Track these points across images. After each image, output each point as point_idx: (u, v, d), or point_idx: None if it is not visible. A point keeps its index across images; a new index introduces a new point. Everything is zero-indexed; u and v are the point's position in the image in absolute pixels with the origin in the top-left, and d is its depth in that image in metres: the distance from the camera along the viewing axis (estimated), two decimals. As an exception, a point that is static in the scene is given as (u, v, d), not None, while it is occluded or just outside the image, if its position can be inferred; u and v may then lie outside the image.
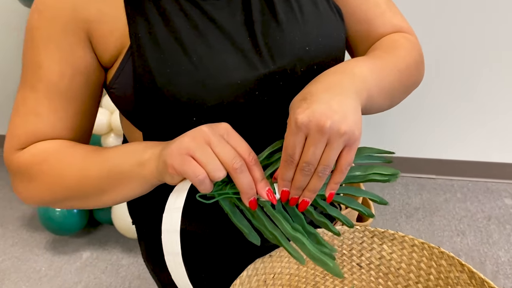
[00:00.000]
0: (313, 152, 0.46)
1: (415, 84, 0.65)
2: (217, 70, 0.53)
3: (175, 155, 0.47)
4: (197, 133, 0.47)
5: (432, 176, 2.16)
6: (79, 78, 0.56)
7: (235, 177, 0.48)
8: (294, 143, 0.46)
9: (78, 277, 1.68)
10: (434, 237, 1.81)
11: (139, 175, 0.52)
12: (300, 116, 0.45)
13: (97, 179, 0.54)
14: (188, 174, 0.46)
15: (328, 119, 0.45)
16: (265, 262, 0.69)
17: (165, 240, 0.47)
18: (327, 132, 0.45)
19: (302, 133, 0.46)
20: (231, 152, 0.47)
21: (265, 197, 0.50)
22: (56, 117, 0.56)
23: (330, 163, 0.47)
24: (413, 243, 0.70)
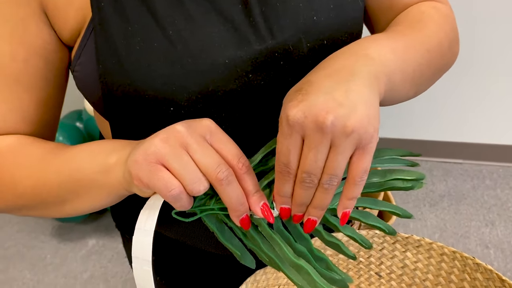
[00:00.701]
0: (313, 158, 0.35)
1: (447, 66, 0.53)
2: (199, 46, 0.43)
3: (141, 163, 0.36)
4: (171, 133, 0.37)
5: (458, 160, 2.04)
6: (35, 60, 0.46)
7: (221, 190, 0.37)
8: (287, 148, 0.36)
9: (84, 266, 1.63)
10: (460, 227, 1.70)
11: (103, 183, 0.42)
12: (293, 112, 0.34)
13: (56, 186, 0.44)
14: (158, 188, 0.36)
15: (330, 113, 0.34)
16: (267, 273, 0.60)
17: (136, 268, 0.37)
18: (328, 130, 0.34)
19: (297, 134, 0.35)
20: (215, 158, 0.37)
21: (259, 214, 0.40)
22: (7, 108, 0.46)
23: (337, 172, 0.36)
24: (442, 251, 0.61)
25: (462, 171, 1.98)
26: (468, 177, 1.94)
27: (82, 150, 0.45)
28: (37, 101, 0.48)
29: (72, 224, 1.77)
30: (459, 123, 1.98)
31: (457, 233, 1.68)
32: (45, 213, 0.49)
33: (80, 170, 0.43)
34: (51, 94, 0.49)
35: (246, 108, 0.46)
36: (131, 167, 0.37)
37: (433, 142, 2.03)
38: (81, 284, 1.58)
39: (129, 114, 0.43)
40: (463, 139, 2.01)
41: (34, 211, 0.49)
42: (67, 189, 0.44)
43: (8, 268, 1.64)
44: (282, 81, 0.46)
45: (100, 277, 1.59)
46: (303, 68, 0.45)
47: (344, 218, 0.39)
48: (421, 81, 0.48)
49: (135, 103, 0.43)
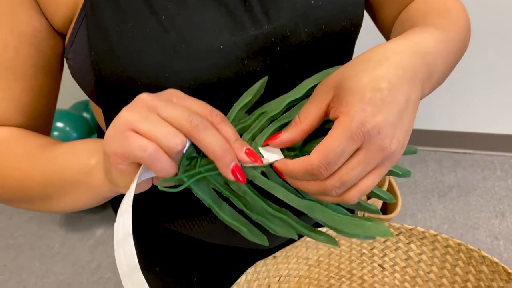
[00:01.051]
0: (359, 174, 0.34)
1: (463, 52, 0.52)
2: (193, 32, 0.41)
3: (112, 136, 0.34)
4: (135, 103, 0.35)
5: (469, 151, 2.01)
6: (26, 49, 0.45)
7: (198, 138, 0.34)
8: (343, 150, 0.33)
9: (91, 255, 1.64)
10: (470, 218, 1.68)
11: (85, 184, 0.41)
12: (371, 122, 0.32)
13: (41, 183, 0.43)
14: (133, 152, 0.33)
15: (395, 140, 0.34)
16: (268, 265, 0.59)
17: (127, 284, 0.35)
18: (387, 154, 0.34)
19: (361, 142, 0.33)
20: (186, 111, 0.35)
21: (245, 159, 0.37)
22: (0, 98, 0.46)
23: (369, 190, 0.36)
24: (447, 243, 0.59)
25: (473, 161, 1.94)
26: (479, 167, 1.91)
27: (67, 149, 0.44)
28: (30, 90, 0.47)
29: (80, 214, 1.78)
30: (469, 113, 1.94)
31: (466, 224, 1.66)
32: (32, 208, 0.48)
33: (63, 169, 0.42)
34: (44, 82, 0.48)
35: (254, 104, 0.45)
36: (105, 146, 0.35)
37: (442, 132, 2.00)
38: (89, 273, 1.58)
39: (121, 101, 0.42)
40: (473, 129, 1.98)
41: (21, 204, 0.48)
42: (51, 187, 0.43)
43: (18, 257, 1.66)
44: (279, 67, 0.44)
45: (107, 267, 1.60)
46: (301, 55, 0.44)
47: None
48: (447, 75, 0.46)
49: (128, 90, 0.42)
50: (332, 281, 0.65)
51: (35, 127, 0.49)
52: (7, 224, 1.78)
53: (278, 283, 0.61)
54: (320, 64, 0.45)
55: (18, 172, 0.44)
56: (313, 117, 0.36)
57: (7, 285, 1.57)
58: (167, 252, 0.62)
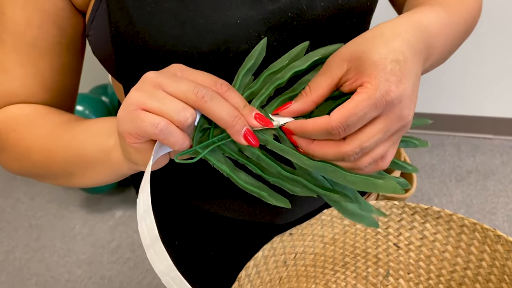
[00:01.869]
0: (378, 140, 0.36)
1: (471, 30, 0.52)
2: (211, 6, 0.42)
3: (123, 117, 0.36)
4: (142, 82, 0.36)
5: (488, 136, 1.98)
6: (50, 27, 0.46)
7: (207, 108, 0.35)
8: (364, 113, 0.34)
9: (111, 236, 1.68)
10: (487, 203, 1.67)
11: (105, 163, 0.43)
12: (395, 94, 0.34)
13: (63, 159, 0.45)
14: (146, 129, 0.35)
15: (411, 111, 0.36)
16: (284, 241, 0.60)
17: (141, 227, 0.37)
18: (403, 123, 0.36)
19: (382, 109, 0.34)
20: (191, 83, 0.36)
21: (255, 124, 0.38)
22: (25, 73, 0.47)
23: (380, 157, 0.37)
24: (462, 223, 0.59)
25: (492, 146, 1.92)
26: (498, 152, 1.89)
27: (87, 129, 0.45)
28: (53, 67, 0.49)
29: (100, 196, 1.81)
30: (489, 97, 1.91)
31: (484, 209, 1.65)
32: (57, 183, 0.50)
33: (83, 148, 0.44)
34: (67, 61, 0.50)
35: (258, 69, 0.45)
36: (119, 128, 0.37)
37: (461, 117, 1.98)
38: (109, 253, 1.62)
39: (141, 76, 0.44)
40: (493, 113, 1.95)
41: (46, 179, 0.50)
42: (73, 164, 0.45)
43: (40, 237, 1.71)
44: (295, 42, 0.44)
45: (126, 247, 1.64)
46: (317, 29, 0.44)
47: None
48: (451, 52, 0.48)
49: (147, 64, 0.43)
50: (347, 259, 0.65)
51: (59, 104, 0.51)
52: (29, 206, 1.83)
53: (294, 260, 0.62)
54: (336, 39, 0.45)
55: (43, 149, 0.46)
56: (324, 89, 0.38)
57: (30, 263, 1.62)
58: (186, 227, 0.64)
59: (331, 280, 0.66)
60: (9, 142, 0.47)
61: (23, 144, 0.47)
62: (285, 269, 0.61)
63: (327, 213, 0.61)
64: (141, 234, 0.36)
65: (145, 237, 0.36)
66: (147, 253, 0.36)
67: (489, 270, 0.58)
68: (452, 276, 0.61)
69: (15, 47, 0.46)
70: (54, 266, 1.60)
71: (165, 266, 0.35)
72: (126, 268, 1.57)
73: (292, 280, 0.63)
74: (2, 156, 0.50)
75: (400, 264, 0.65)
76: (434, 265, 0.63)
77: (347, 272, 0.66)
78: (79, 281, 1.55)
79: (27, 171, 0.49)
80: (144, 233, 0.36)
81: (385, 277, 0.65)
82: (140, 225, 0.36)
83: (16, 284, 1.56)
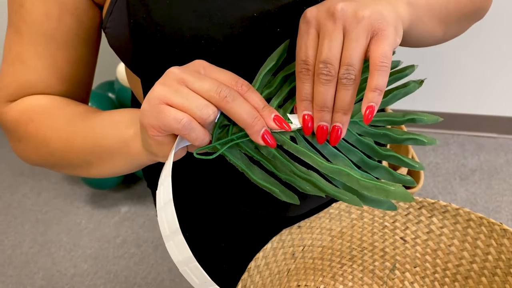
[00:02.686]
0: (327, 46, 0.36)
1: (477, 12, 0.52)
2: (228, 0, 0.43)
3: (147, 110, 0.37)
4: (166, 76, 0.38)
5: (492, 134, 1.98)
6: (68, 19, 0.47)
7: (228, 109, 0.37)
8: (305, 45, 0.37)
9: (117, 231, 1.69)
10: (492, 201, 1.67)
11: (124, 153, 0.44)
12: (308, 10, 0.37)
13: (81, 150, 0.46)
14: (169, 124, 0.36)
15: (340, 2, 0.36)
16: (292, 234, 0.61)
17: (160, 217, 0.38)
18: (339, 15, 0.36)
19: (313, 29, 0.37)
20: (213, 82, 0.37)
21: (274, 126, 0.39)
22: (43, 65, 0.48)
23: (352, 60, 0.36)
24: (469, 217, 0.60)
25: (496, 145, 1.92)
26: (502, 151, 1.89)
27: (105, 120, 0.46)
28: (70, 59, 0.50)
29: (106, 191, 1.82)
30: (494, 96, 1.91)
31: (488, 208, 1.65)
32: (74, 173, 0.51)
33: (102, 138, 0.45)
34: (83, 53, 0.51)
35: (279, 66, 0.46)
36: (142, 119, 0.38)
37: (466, 116, 1.98)
38: (114, 248, 1.64)
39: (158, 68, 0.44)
40: (498, 112, 1.94)
41: (64, 169, 0.51)
42: (91, 154, 0.46)
43: (46, 232, 1.72)
44: None
45: (132, 242, 1.65)
46: None
47: (369, 115, 0.37)
48: (449, 20, 0.48)
49: (165, 56, 0.44)
50: (354, 252, 0.66)
51: (74, 96, 0.52)
52: (36, 201, 1.84)
53: (302, 252, 0.63)
54: None
55: (60, 139, 0.47)
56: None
57: (37, 257, 1.63)
58: (196, 219, 0.65)
59: (338, 273, 0.66)
60: (27, 132, 0.49)
61: (41, 134, 0.48)
62: (293, 261, 0.62)
63: (335, 206, 0.62)
64: (161, 225, 0.37)
65: (164, 228, 0.37)
66: (166, 244, 0.37)
67: (495, 264, 0.59)
68: (458, 270, 0.62)
69: (33, 39, 0.47)
70: (61, 260, 1.62)
71: (183, 257, 0.36)
72: (132, 263, 1.58)
73: (300, 272, 0.63)
74: (21, 146, 0.51)
75: (407, 257, 0.66)
76: (440, 259, 0.64)
77: (354, 265, 0.67)
78: (85, 275, 1.56)
79: (45, 161, 0.50)
80: (164, 224, 0.37)
81: (392, 270, 0.66)
82: (160, 216, 0.37)
83: (23, 277, 1.57)
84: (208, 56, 0.43)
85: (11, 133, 0.51)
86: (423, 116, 0.45)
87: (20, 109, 0.49)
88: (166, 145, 0.39)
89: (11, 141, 0.52)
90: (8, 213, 1.80)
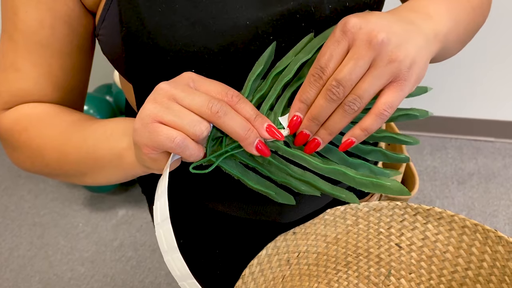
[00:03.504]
0: (350, 68, 0.35)
1: (483, 22, 0.53)
2: (220, 7, 0.43)
3: (140, 129, 0.37)
4: (156, 93, 0.38)
5: (490, 138, 1.98)
6: (61, 27, 0.47)
7: (221, 123, 0.37)
8: (331, 54, 0.36)
9: (114, 235, 1.69)
10: (489, 205, 1.67)
11: (117, 166, 0.44)
12: (352, 20, 0.35)
13: (75, 161, 0.47)
14: (162, 143, 0.36)
15: (384, 33, 0.35)
16: (287, 240, 0.61)
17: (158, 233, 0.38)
18: (376, 47, 0.35)
19: (346, 42, 0.36)
20: (203, 96, 0.37)
21: (266, 135, 0.39)
22: (37, 73, 0.48)
23: (364, 94, 0.36)
24: (464, 223, 0.60)
25: (494, 149, 1.92)
26: (500, 155, 1.89)
27: (98, 130, 0.46)
28: (65, 66, 0.50)
29: (103, 194, 1.82)
30: (492, 100, 1.91)
31: (485, 212, 1.65)
32: (70, 181, 0.51)
33: (96, 150, 0.45)
34: (77, 60, 0.51)
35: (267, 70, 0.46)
36: (135, 139, 0.38)
37: (464, 119, 1.98)
38: (111, 252, 1.63)
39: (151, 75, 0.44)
40: (495, 116, 1.95)
41: (59, 178, 0.51)
42: (85, 164, 0.46)
43: (44, 235, 1.72)
44: None
45: (129, 246, 1.65)
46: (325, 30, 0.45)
47: (346, 147, 0.39)
48: (467, 39, 0.49)
49: (157, 64, 0.44)
50: (350, 258, 0.66)
51: (69, 103, 0.52)
52: (33, 204, 1.84)
53: (297, 259, 0.63)
54: None
55: (54, 150, 0.47)
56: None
57: (33, 260, 1.63)
58: (190, 226, 0.65)
59: (333, 279, 0.66)
60: (21, 141, 0.49)
61: (34, 143, 0.48)
62: (288, 267, 0.62)
63: (330, 213, 0.62)
64: (159, 241, 0.37)
65: (162, 244, 0.37)
66: (164, 258, 0.37)
67: (490, 271, 0.59)
68: (453, 277, 0.62)
69: (27, 46, 0.47)
70: (58, 263, 1.61)
71: (182, 274, 0.36)
72: (129, 266, 1.58)
73: (295, 279, 0.63)
74: (15, 154, 0.51)
75: (402, 264, 0.66)
76: (435, 265, 0.64)
77: (349, 271, 0.66)
78: (82, 278, 1.56)
79: (39, 169, 0.50)
80: (162, 241, 0.37)
81: (387, 277, 0.66)
82: (158, 232, 0.37)
83: (20, 281, 1.57)
84: (201, 63, 0.43)
85: (5, 142, 0.51)
86: (416, 112, 0.47)
87: (14, 118, 0.49)
88: (160, 161, 0.39)
89: (6, 149, 0.52)
90: (5, 215, 1.80)
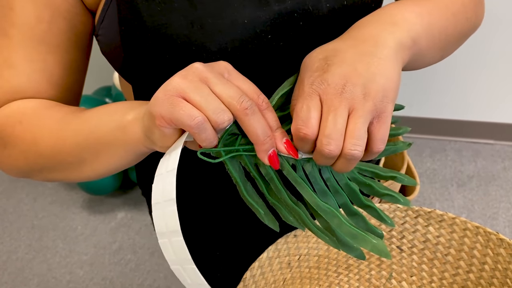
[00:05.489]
0: (332, 121, 0.35)
1: (472, 29, 0.52)
2: (218, 6, 0.43)
3: (161, 99, 0.35)
4: (189, 70, 0.36)
5: (489, 141, 1.98)
6: (60, 23, 0.47)
7: (246, 121, 0.36)
8: (307, 106, 0.36)
9: (113, 237, 1.68)
10: (489, 208, 1.67)
11: (120, 141, 0.42)
12: (317, 81, 0.36)
13: (74, 145, 0.45)
14: (181, 119, 0.35)
15: (349, 81, 0.35)
16: (288, 243, 0.61)
17: (157, 214, 0.36)
18: (347, 96, 0.35)
19: (317, 98, 0.36)
20: (237, 90, 0.36)
21: (283, 150, 0.39)
22: (32, 68, 0.48)
23: (358, 135, 0.36)
24: (465, 226, 0.60)
25: (493, 151, 1.92)
26: (499, 158, 1.89)
27: (100, 110, 0.45)
28: (61, 63, 0.49)
29: (102, 197, 1.82)
30: (490, 102, 1.92)
31: (485, 214, 1.65)
32: (65, 175, 0.49)
33: (98, 128, 0.43)
34: (75, 57, 0.50)
35: (265, 69, 0.46)
36: (152, 107, 0.36)
37: (463, 122, 1.98)
38: (110, 254, 1.63)
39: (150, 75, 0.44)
40: (495, 119, 1.95)
41: (53, 172, 0.49)
42: (85, 148, 0.45)
43: (42, 237, 1.71)
44: (301, 42, 0.45)
45: (128, 248, 1.64)
46: (323, 29, 0.45)
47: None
48: (447, 45, 0.48)
49: (156, 64, 0.44)
50: (350, 261, 0.66)
51: (65, 101, 0.51)
52: (32, 206, 1.84)
53: (298, 261, 0.62)
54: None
55: (51, 137, 0.46)
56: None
57: (32, 263, 1.62)
58: (191, 227, 0.64)
59: (334, 282, 0.66)
60: (14, 135, 0.47)
61: (29, 135, 0.47)
62: (289, 270, 0.62)
63: (331, 215, 0.62)
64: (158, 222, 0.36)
65: (162, 225, 0.36)
66: (159, 241, 0.36)
67: (492, 274, 0.59)
68: (455, 280, 0.62)
69: (23, 42, 0.46)
70: (56, 266, 1.61)
71: (178, 258, 0.35)
72: (128, 269, 1.57)
73: (296, 282, 0.63)
74: (6, 152, 0.49)
75: (403, 267, 0.66)
76: (437, 268, 0.63)
77: (350, 274, 0.66)
78: (81, 281, 1.55)
79: (33, 164, 0.48)
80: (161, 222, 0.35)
81: (388, 279, 0.66)
82: (157, 213, 0.36)
83: (18, 284, 1.56)
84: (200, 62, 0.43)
85: None
86: (404, 177, 0.48)
87: (6, 113, 0.48)
88: (168, 138, 0.38)
89: None
90: (3, 218, 1.79)
